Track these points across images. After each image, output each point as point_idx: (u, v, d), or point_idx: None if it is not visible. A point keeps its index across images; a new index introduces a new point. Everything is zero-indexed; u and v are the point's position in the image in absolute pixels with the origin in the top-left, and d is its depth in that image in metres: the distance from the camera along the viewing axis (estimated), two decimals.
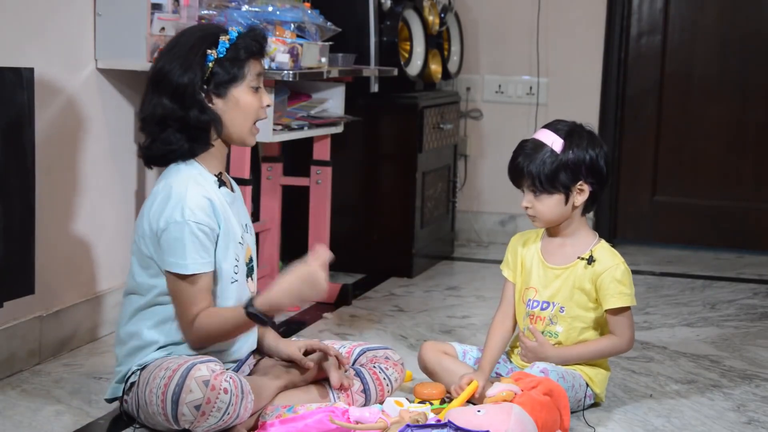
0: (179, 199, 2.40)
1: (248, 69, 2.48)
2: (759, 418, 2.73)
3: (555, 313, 2.73)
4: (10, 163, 2.66)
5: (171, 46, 2.49)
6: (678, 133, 5.02)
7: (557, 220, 2.72)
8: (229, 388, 2.29)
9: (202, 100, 2.44)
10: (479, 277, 4.38)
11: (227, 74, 2.45)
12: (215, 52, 2.44)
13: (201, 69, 2.43)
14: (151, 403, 2.34)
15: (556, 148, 2.65)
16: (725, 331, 3.60)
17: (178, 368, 2.31)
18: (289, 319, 3.58)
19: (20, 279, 2.73)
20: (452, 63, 4.79)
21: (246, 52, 2.47)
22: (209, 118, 2.45)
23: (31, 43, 2.90)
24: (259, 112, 2.52)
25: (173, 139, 2.45)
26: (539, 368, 2.61)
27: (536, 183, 2.66)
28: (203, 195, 2.42)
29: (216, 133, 2.48)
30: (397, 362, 2.69)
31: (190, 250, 2.38)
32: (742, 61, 4.93)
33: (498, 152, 5.04)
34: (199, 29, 2.55)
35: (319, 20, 3.48)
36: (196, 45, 2.45)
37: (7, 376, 2.84)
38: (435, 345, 2.84)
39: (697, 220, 5.02)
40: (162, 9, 3.21)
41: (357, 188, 4.28)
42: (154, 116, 2.45)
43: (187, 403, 2.27)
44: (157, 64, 2.48)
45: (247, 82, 2.48)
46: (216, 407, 2.28)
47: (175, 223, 2.39)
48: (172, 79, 2.42)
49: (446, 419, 2.39)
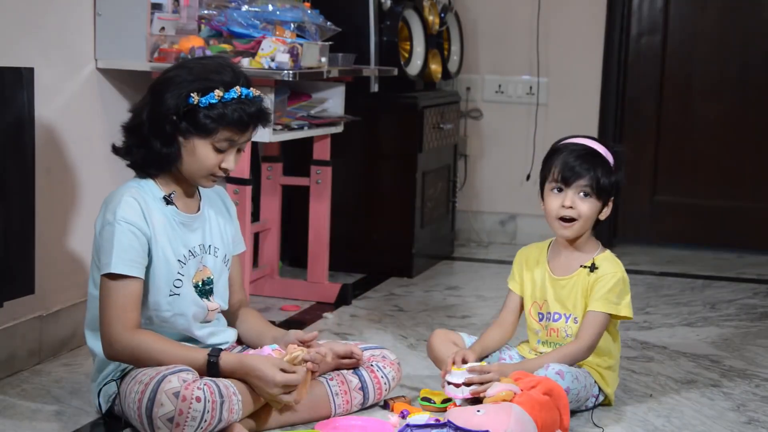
0: (114, 203, 2.43)
1: (218, 131, 2.43)
2: (759, 418, 2.73)
3: (569, 324, 2.73)
4: (10, 163, 2.66)
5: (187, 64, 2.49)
6: (678, 133, 5.02)
7: (587, 227, 2.75)
8: (202, 396, 2.28)
9: (168, 133, 2.43)
10: (479, 277, 4.38)
11: (196, 124, 2.42)
12: (197, 99, 2.40)
13: (183, 105, 2.41)
14: (131, 417, 2.37)
15: (610, 160, 2.73)
16: (725, 331, 3.60)
17: (150, 381, 2.32)
18: (289, 318, 3.58)
19: (20, 279, 2.73)
20: (452, 63, 4.79)
21: (224, 118, 2.41)
22: (168, 152, 2.45)
23: (31, 43, 2.90)
24: (214, 169, 2.48)
25: (134, 151, 2.48)
26: (555, 370, 2.60)
27: (593, 185, 2.69)
28: (135, 198, 2.44)
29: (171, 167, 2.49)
30: (394, 362, 2.70)
31: (117, 249, 2.39)
32: (742, 61, 4.93)
33: (498, 152, 5.05)
34: (215, 65, 2.48)
35: (319, 20, 3.48)
36: (195, 81, 2.42)
37: (7, 376, 2.84)
38: (445, 333, 2.84)
39: (697, 220, 5.02)
40: (162, 9, 3.21)
41: (357, 188, 4.28)
42: (137, 114, 2.47)
43: (159, 417, 2.28)
44: (167, 72, 2.48)
45: (211, 141, 2.44)
46: (190, 417, 2.27)
47: (108, 224, 2.41)
48: (159, 96, 2.43)
49: (446, 419, 2.40)
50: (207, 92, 2.40)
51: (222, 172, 2.49)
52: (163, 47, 3.16)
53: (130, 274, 2.40)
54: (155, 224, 2.46)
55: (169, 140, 2.43)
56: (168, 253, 2.48)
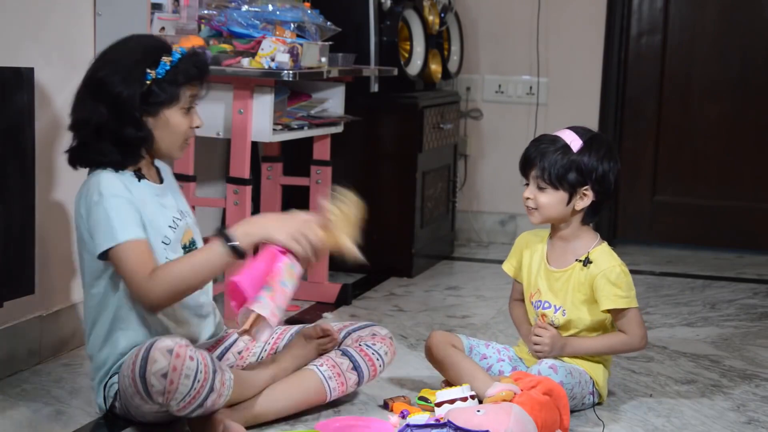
0: (95, 184, 2.42)
1: (183, 92, 2.48)
2: (759, 418, 2.74)
3: (558, 315, 2.73)
4: (10, 163, 2.66)
5: (114, 54, 2.49)
6: (678, 133, 5.02)
7: (555, 218, 2.73)
8: (195, 357, 2.28)
9: (138, 117, 2.45)
10: (479, 276, 4.38)
11: (162, 95, 2.45)
12: (154, 73, 2.43)
13: (140, 86, 2.43)
14: (127, 389, 2.34)
15: (574, 147, 2.67)
16: (725, 331, 3.60)
17: (143, 346, 2.32)
18: (289, 319, 3.58)
19: (20, 279, 2.73)
20: (452, 63, 4.79)
21: (184, 76, 2.46)
22: (143, 135, 2.47)
23: (30, 43, 2.90)
24: (187, 132, 2.53)
25: (107, 150, 2.46)
26: (548, 364, 2.61)
27: (545, 175, 2.67)
28: (114, 176, 2.44)
29: (146, 149, 2.51)
30: (385, 336, 2.72)
31: (116, 219, 2.38)
32: (742, 61, 4.93)
33: (498, 152, 5.05)
34: (143, 41, 2.53)
35: (319, 20, 3.48)
36: (140, 60, 2.44)
37: (7, 376, 2.84)
38: (443, 335, 2.83)
39: (697, 220, 5.02)
40: (162, 9, 3.21)
41: (357, 188, 4.25)
42: (89, 123, 2.45)
43: (153, 373, 2.26)
44: (97, 71, 2.47)
45: (180, 104, 2.48)
46: (183, 374, 2.26)
47: (95, 204, 2.40)
48: (112, 91, 2.42)
49: (446, 419, 2.40)
50: (156, 64, 2.44)
51: (192, 132, 2.54)
52: None
53: (137, 237, 2.39)
54: (138, 199, 2.46)
55: (139, 124, 2.45)
56: (158, 222, 2.48)
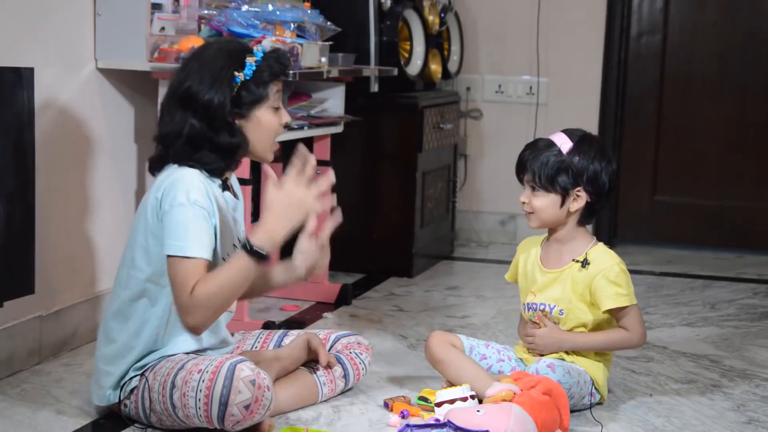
0: (184, 183, 2.41)
1: (270, 90, 2.50)
2: (759, 418, 2.73)
3: (554, 315, 2.73)
4: (10, 163, 2.66)
5: (197, 63, 2.48)
6: (678, 133, 5.02)
7: (551, 221, 2.74)
8: (269, 385, 2.36)
9: (231, 122, 2.47)
10: (479, 276, 4.38)
11: (252, 96, 2.48)
12: (242, 75, 2.45)
13: (230, 90, 2.45)
14: (185, 407, 2.35)
15: (564, 149, 2.70)
16: (725, 331, 3.60)
17: (218, 370, 2.33)
18: (289, 319, 3.58)
19: (20, 279, 2.73)
20: (452, 63, 4.79)
21: (269, 74, 2.49)
22: (239, 140, 2.49)
23: (31, 43, 2.90)
24: (278, 130, 2.56)
25: (208, 159, 2.47)
26: (546, 363, 2.61)
27: (536, 179, 2.70)
28: (203, 183, 2.44)
29: (241, 153, 2.53)
30: (368, 347, 2.83)
31: (193, 232, 2.39)
32: (742, 61, 4.93)
33: (498, 152, 5.05)
34: (224, 46, 2.54)
35: (319, 20, 3.48)
36: (225, 65, 2.45)
37: (7, 376, 2.84)
38: (443, 335, 2.83)
39: (697, 220, 5.02)
40: (162, 9, 3.21)
41: (357, 188, 4.27)
42: (181, 134, 2.45)
43: (236, 404, 2.31)
44: (183, 80, 2.46)
45: (269, 102, 2.51)
46: (262, 405, 2.34)
47: (180, 205, 2.39)
48: (202, 99, 2.43)
49: (446, 419, 2.39)
50: (242, 66, 2.45)
51: (282, 130, 2.57)
52: (163, 47, 3.16)
53: (202, 257, 2.39)
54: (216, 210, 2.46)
55: (233, 129, 2.47)
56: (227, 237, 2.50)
